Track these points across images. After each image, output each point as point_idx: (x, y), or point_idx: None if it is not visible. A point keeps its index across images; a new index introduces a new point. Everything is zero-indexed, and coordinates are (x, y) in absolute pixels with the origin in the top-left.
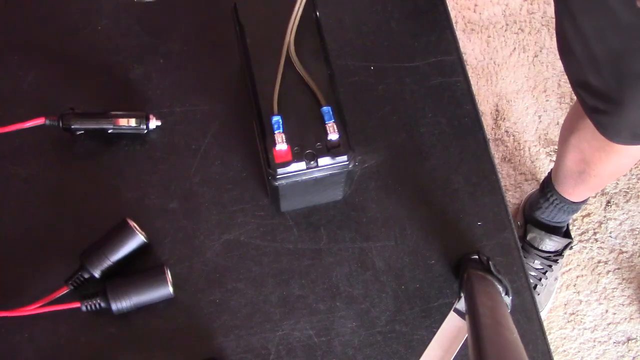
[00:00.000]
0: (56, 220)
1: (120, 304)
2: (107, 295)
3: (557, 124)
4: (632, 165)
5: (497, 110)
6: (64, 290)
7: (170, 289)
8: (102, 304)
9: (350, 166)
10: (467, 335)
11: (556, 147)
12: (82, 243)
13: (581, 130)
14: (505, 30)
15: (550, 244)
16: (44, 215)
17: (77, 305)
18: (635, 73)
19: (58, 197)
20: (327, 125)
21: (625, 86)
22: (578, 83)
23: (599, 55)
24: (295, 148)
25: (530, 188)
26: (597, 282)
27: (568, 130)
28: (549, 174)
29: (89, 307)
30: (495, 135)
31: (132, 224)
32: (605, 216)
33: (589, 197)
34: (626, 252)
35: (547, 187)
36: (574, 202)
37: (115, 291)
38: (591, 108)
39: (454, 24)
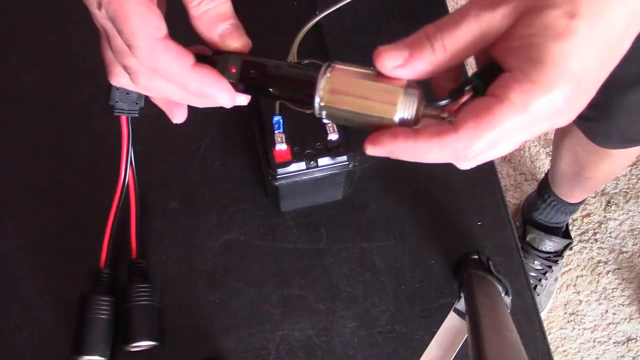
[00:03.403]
0: (55, 220)
1: None
2: None
3: None
4: (626, 166)
5: None
6: None
7: None
8: None
9: (350, 166)
10: (467, 335)
11: None
12: (81, 243)
13: (574, 133)
14: None
15: (550, 244)
16: (43, 215)
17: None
18: (622, 81)
19: (58, 197)
20: (327, 125)
21: (612, 94)
22: None
23: None
24: (295, 148)
25: (530, 188)
26: (597, 282)
27: (561, 133)
28: (546, 175)
29: None
30: None
31: None
32: (605, 216)
33: (586, 198)
34: (626, 252)
35: (544, 188)
36: (571, 204)
37: None
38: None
39: None
